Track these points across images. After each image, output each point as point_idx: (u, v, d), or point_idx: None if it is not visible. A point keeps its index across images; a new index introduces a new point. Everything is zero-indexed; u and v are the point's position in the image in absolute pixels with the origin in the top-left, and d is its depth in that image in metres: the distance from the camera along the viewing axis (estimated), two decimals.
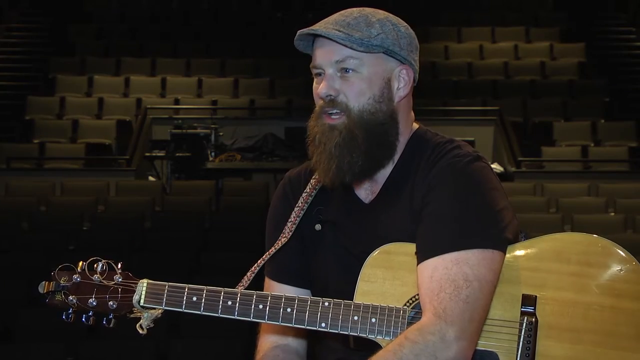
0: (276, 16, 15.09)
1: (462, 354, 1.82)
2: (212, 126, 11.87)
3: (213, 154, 11.64)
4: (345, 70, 1.95)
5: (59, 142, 12.11)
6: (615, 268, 1.91)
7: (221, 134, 11.94)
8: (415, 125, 2.06)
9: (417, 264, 1.89)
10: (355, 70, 1.95)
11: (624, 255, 1.92)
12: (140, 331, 1.98)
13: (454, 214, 1.88)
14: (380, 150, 1.97)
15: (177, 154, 11.49)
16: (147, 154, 11.88)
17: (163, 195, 10.41)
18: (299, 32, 1.98)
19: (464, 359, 1.83)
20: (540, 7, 15.64)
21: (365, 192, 2.04)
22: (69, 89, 13.33)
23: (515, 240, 1.94)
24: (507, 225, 1.91)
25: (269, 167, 11.57)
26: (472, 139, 10.69)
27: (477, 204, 1.89)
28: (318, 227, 2.06)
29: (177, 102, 13.15)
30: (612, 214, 9.73)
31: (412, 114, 2.07)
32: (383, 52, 1.96)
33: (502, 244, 1.89)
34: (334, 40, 1.94)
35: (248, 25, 14.53)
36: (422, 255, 1.89)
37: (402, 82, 1.99)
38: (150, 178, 11.89)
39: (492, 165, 2.40)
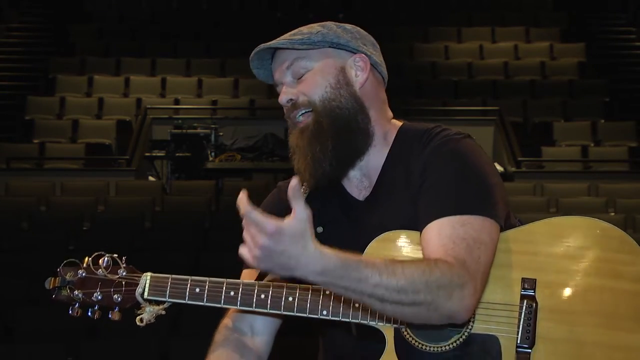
0: (276, 16, 15.11)
1: (467, 312, 1.81)
2: (212, 126, 11.88)
3: (213, 154, 11.65)
4: (299, 74, 2.02)
5: (59, 142, 12.12)
6: (615, 250, 1.91)
7: (221, 134, 11.94)
8: (399, 123, 2.10)
9: (421, 231, 1.89)
10: (307, 69, 2.02)
11: (623, 237, 1.92)
12: (139, 323, 2.00)
13: (454, 183, 1.90)
14: (351, 136, 2.00)
15: (177, 154, 11.50)
16: (147, 154, 11.88)
17: (163, 195, 10.41)
18: (250, 58, 2.05)
19: (463, 318, 1.82)
20: (540, 7, 15.64)
21: (358, 189, 2.06)
22: (69, 89, 13.34)
23: (504, 219, 1.95)
24: (498, 202, 1.93)
25: (269, 167, 11.57)
26: None
27: (475, 176, 1.92)
28: (320, 229, 2.05)
29: (177, 102, 13.16)
30: (612, 214, 9.74)
31: (389, 110, 2.10)
32: (329, 47, 2.03)
33: (498, 217, 1.90)
34: (278, 48, 2.03)
35: (248, 25, 14.53)
36: (426, 220, 1.89)
37: (359, 69, 2.04)
38: (150, 178, 11.90)
39: None
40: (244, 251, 1.74)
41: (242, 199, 1.69)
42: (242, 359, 2.06)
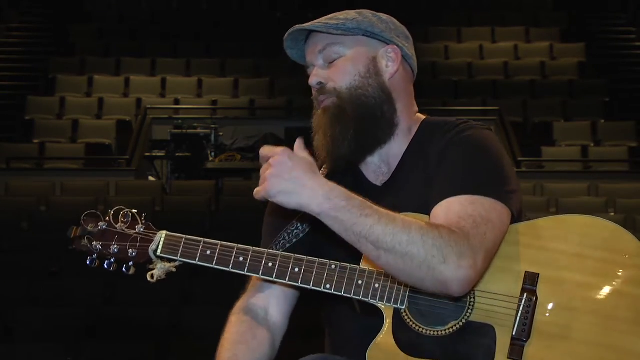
0: (276, 16, 15.10)
1: (462, 284, 1.80)
2: (212, 126, 11.88)
3: (213, 154, 11.65)
4: (331, 58, 2.05)
5: (59, 142, 12.11)
6: (622, 252, 1.90)
7: (221, 134, 11.95)
8: (423, 117, 2.13)
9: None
10: (339, 54, 2.05)
11: (631, 240, 1.92)
12: (150, 279, 2.04)
13: (469, 166, 1.92)
14: (374, 124, 2.03)
15: (177, 154, 11.51)
16: (147, 154, 11.89)
17: (163, 195, 10.41)
18: (284, 38, 2.09)
19: (457, 290, 1.81)
20: (540, 7, 15.63)
21: (375, 175, 2.09)
22: (69, 89, 13.33)
23: (517, 213, 1.95)
24: (513, 191, 1.94)
25: None
26: None
27: (491, 163, 1.94)
28: None
29: (177, 102, 13.15)
30: (612, 214, 9.74)
31: (415, 104, 2.13)
32: (363, 35, 2.05)
33: (510, 203, 1.91)
34: (312, 30, 2.06)
35: (248, 25, 14.53)
36: (437, 200, 1.90)
37: (390, 60, 2.07)
38: (150, 178, 11.90)
39: None
40: (257, 189, 1.85)
41: (265, 147, 1.84)
42: (255, 340, 2.08)
